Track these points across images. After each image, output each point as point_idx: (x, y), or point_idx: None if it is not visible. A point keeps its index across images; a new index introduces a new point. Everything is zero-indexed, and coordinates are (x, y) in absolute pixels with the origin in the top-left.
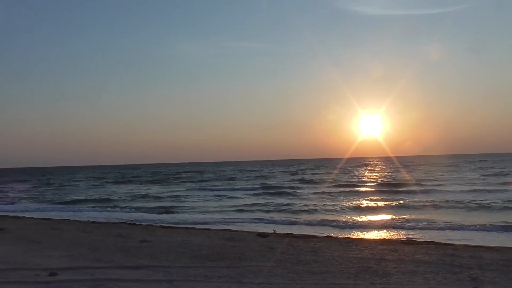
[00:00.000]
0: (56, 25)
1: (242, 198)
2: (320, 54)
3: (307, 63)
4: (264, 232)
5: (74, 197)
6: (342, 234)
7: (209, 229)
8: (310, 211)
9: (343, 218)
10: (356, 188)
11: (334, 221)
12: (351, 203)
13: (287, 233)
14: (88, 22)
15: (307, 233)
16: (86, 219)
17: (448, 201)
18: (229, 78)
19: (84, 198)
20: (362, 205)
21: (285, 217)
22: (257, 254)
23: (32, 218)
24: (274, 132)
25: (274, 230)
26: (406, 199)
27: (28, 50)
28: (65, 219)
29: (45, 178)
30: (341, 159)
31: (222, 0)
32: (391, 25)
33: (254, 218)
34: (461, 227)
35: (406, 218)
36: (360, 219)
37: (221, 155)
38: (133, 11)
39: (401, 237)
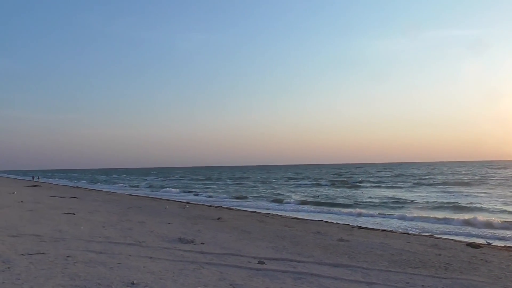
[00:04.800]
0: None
1: None
2: None
3: None
4: (475, 243)
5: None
6: None
7: (408, 233)
8: None
9: None
10: None
11: None
12: None
13: (505, 246)
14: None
15: None
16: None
17: None
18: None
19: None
20: None
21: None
22: (467, 266)
23: (242, 210)
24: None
25: (486, 242)
26: None
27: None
28: (269, 213)
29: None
30: None
31: None
32: None
33: None
34: None
35: None
36: None
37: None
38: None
39: None
